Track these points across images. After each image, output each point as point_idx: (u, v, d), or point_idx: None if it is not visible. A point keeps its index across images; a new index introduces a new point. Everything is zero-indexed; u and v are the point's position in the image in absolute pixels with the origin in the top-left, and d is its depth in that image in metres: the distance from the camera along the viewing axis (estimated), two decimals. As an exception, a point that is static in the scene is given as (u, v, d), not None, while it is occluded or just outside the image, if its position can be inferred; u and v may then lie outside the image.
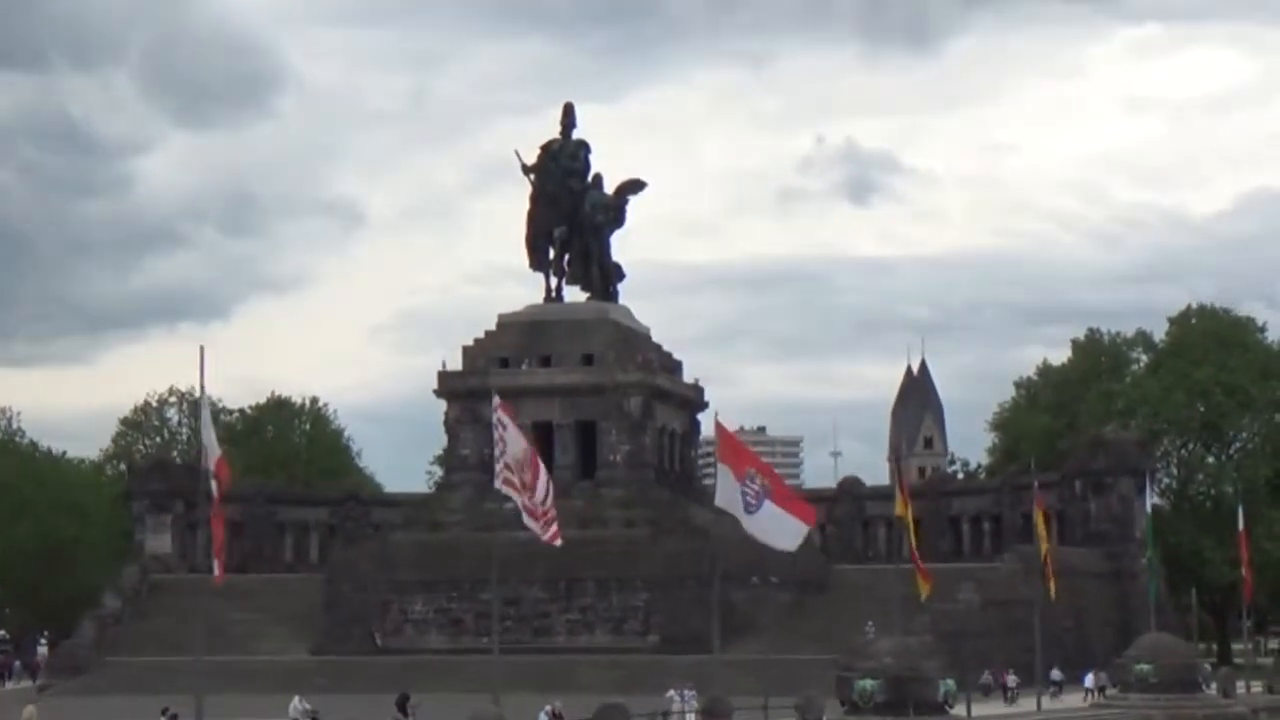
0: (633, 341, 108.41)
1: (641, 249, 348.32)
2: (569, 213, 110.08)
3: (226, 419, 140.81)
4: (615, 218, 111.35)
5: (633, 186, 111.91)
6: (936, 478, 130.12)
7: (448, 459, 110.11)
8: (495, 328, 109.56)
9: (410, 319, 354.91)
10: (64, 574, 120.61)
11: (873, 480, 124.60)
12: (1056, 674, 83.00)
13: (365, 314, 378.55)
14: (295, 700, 70.18)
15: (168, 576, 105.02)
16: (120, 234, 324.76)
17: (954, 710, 46.77)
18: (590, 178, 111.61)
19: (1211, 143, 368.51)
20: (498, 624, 59.65)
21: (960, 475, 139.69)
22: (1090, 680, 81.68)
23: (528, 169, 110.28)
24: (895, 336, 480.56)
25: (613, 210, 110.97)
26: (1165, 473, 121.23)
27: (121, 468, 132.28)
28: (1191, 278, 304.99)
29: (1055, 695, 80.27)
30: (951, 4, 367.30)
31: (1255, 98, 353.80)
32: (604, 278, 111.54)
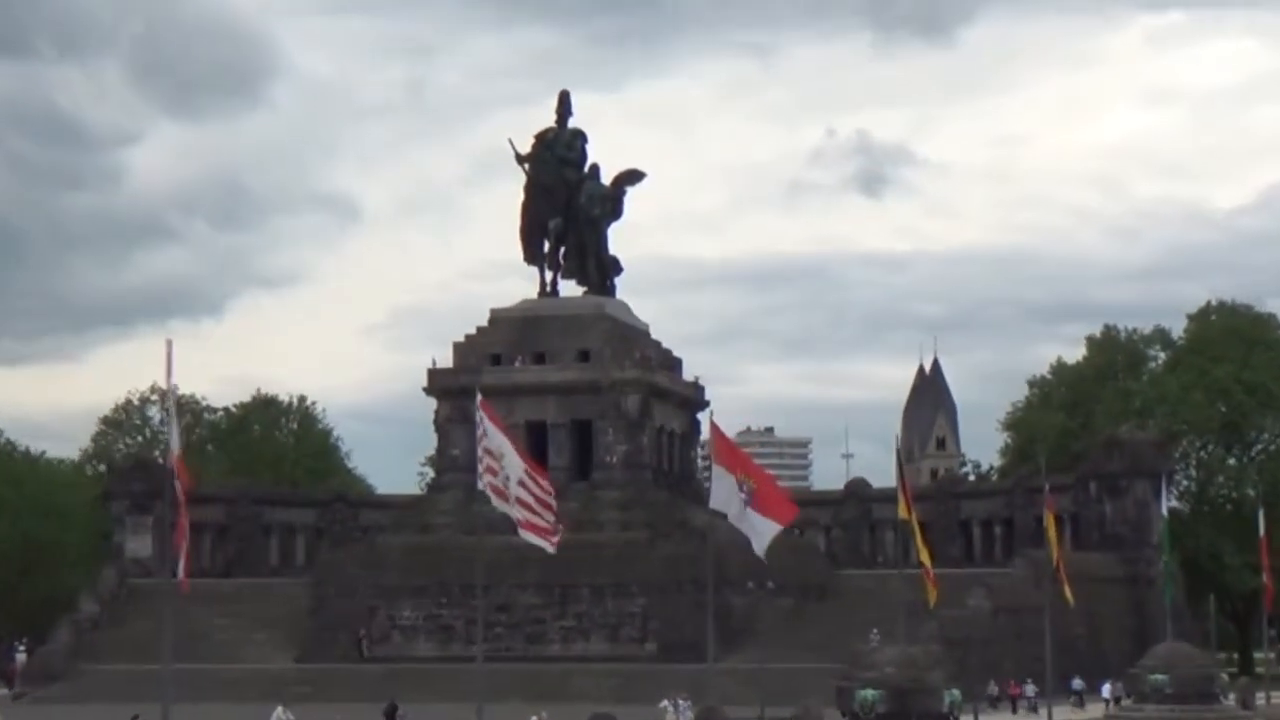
0: (630, 338, 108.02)
1: (644, 244, 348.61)
2: (564, 204, 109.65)
3: (211, 418, 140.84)
4: (613, 209, 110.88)
5: (631, 177, 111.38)
6: (946, 479, 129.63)
7: (438, 459, 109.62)
8: (488, 323, 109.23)
9: (407, 316, 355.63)
10: (42, 577, 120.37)
11: (886, 484, 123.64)
12: (1078, 683, 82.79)
13: (361, 311, 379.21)
14: (278, 710, 69.78)
15: (147, 580, 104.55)
16: (108, 228, 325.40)
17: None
18: (587, 168, 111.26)
19: (1233, 134, 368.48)
20: (483, 629, 59.42)
21: (971, 477, 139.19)
22: (1108, 690, 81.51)
23: (522, 158, 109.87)
24: (907, 334, 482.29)
25: (610, 202, 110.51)
26: (1184, 475, 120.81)
27: (101, 468, 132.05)
28: (1211, 273, 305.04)
29: (1077, 705, 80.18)
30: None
31: (1279, 89, 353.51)
32: (601, 271, 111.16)
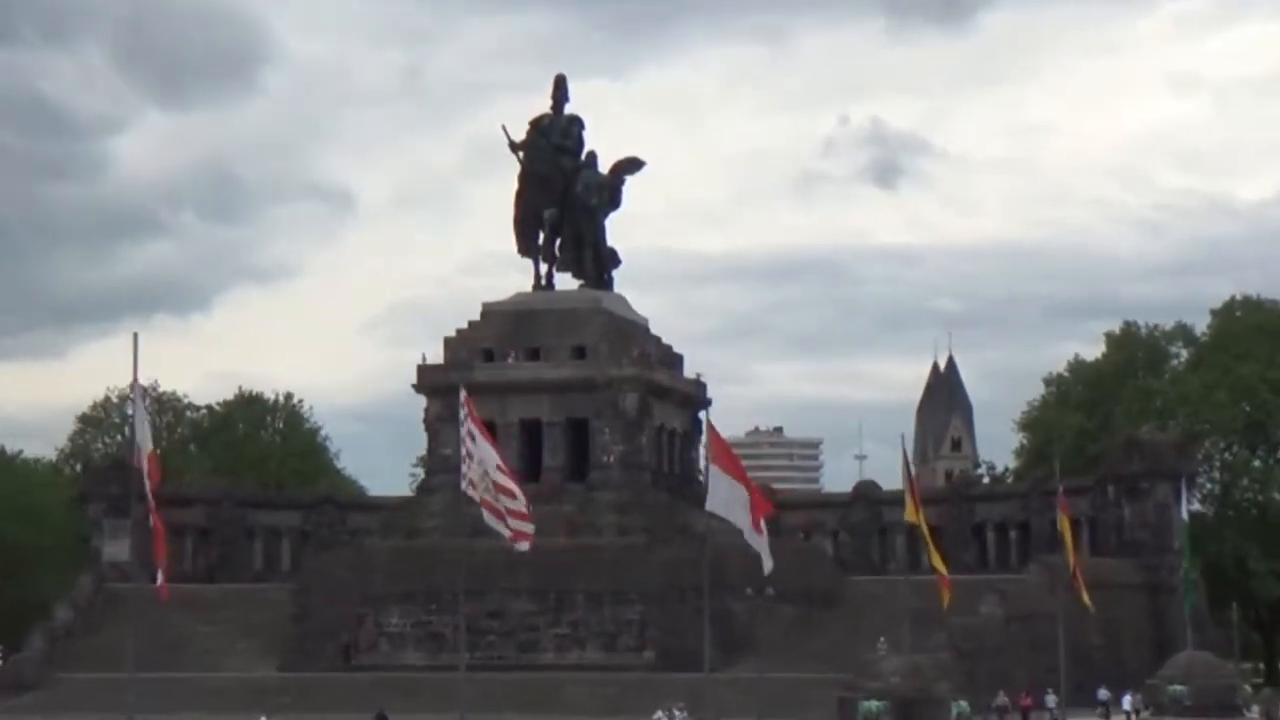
0: (628, 333, 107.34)
1: (649, 236, 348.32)
2: (560, 193, 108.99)
3: (193, 416, 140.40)
4: (610, 199, 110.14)
5: (629, 165, 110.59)
6: (959, 481, 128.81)
7: (429, 459, 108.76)
8: (479, 317, 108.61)
9: (403, 312, 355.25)
10: (16, 581, 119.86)
11: (898, 486, 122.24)
12: (1103, 693, 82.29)
13: (355, 306, 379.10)
14: (260, 720, 69.69)
15: (125, 586, 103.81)
16: (93, 219, 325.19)
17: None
18: (584, 156, 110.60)
19: (1260, 125, 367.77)
20: (465, 635, 58.95)
21: (986, 479, 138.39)
22: (1128, 702, 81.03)
23: (516, 146, 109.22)
24: (922, 331, 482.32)
25: (607, 191, 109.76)
26: (1206, 477, 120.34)
27: (79, 468, 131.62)
28: (1237, 268, 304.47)
29: (1103, 715, 79.77)
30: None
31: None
32: (598, 264, 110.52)
